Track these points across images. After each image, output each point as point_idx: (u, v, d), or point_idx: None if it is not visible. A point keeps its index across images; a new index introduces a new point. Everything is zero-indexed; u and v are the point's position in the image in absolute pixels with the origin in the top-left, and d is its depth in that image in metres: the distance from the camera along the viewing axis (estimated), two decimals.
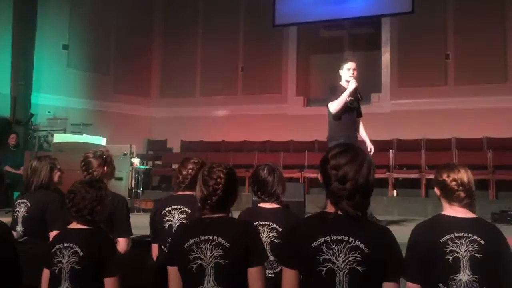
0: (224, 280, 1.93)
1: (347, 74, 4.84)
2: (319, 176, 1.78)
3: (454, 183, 2.16)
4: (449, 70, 9.60)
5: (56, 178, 3.26)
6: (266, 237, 2.72)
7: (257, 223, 2.73)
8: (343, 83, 4.87)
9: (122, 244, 2.88)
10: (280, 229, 2.65)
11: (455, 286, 2.03)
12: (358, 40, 10.85)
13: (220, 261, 1.92)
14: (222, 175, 2.03)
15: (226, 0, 11.40)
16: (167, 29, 11.93)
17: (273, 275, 2.64)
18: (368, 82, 10.34)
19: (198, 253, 1.95)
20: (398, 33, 10.09)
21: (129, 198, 7.27)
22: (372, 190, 1.71)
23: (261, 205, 2.83)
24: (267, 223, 2.73)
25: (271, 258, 2.68)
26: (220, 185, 2.02)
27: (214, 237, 1.95)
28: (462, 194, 2.15)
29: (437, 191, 2.26)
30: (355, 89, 4.79)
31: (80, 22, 10.60)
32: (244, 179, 8.13)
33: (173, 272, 2.02)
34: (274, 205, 2.79)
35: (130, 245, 2.97)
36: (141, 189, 7.87)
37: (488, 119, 8.72)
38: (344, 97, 4.73)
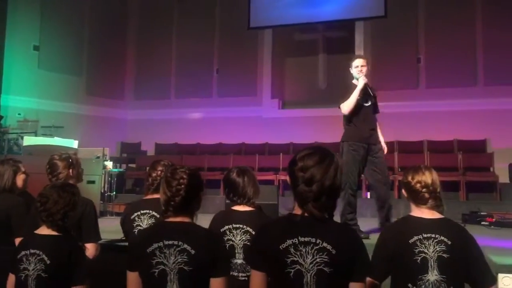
0: (188, 286, 1.91)
1: (356, 72, 4.71)
2: (287, 177, 1.79)
3: (418, 185, 2.21)
4: (421, 73, 9.79)
5: (20, 182, 3.18)
6: (239, 240, 2.72)
7: (230, 226, 2.74)
8: (354, 81, 4.73)
9: (90, 249, 2.81)
10: (253, 232, 2.65)
11: (423, 286, 2.07)
12: (332, 43, 10.94)
13: (184, 268, 1.90)
14: (185, 176, 2.01)
15: (201, 2, 11.36)
16: (141, 31, 11.81)
17: (247, 278, 2.64)
18: (342, 85, 10.48)
19: (161, 258, 1.91)
20: (371, 37, 10.22)
21: (101, 202, 7.18)
22: (339, 193, 1.72)
23: (235, 208, 2.83)
24: (241, 226, 2.73)
25: (244, 261, 2.67)
26: (182, 186, 1.99)
27: (179, 242, 1.92)
28: (426, 195, 2.20)
29: (404, 193, 2.32)
30: (366, 85, 4.62)
31: (52, 22, 10.39)
32: (219, 182, 8.10)
33: (132, 277, 1.97)
34: (247, 208, 2.79)
35: (99, 250, 2.91)
36: (114, 193, 7.77)
37: (459, 121, 8.91)
38: (354, 96, 4.55)
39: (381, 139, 4.78)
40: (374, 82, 9.77)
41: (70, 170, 3.00)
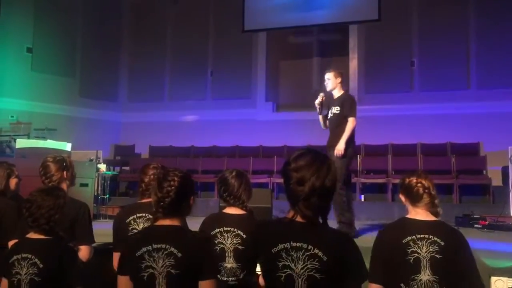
0: None
1: None
2: (282, 178, 1.80)
3: (414, 180, 2.27)
4: (414, 76, 9.84)
5: (13, 185, 3.16)
6: (230, 243, 2.70)
7: (221, 229, 2.72)
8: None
9: (84, 252, 2.79)
10: (244, 236, 2.64)
11: (416, 286, 2.09)
12: (327, 46, 10.99)
13: (171, 271, 1.90)
14: (176, 178, 2.03)
15: (195, 5, 11.35)
16: (135, 33, 11.79)
17: (236, 282, 2.63)
18: None
19: (150, 261, 1.92)
20: (365, 40, 10.27)
21: (95, 205, 7.13)
22: (332, 195, 1.72)
23: (227, 211, 2.82)
24: (232, 229, 2.72)
25: (234, 265, 2.66)
26: (173, 187, 2.00)
27: (167, 246, 1.93)
28: (421, 190, 2.24)
29: (401, 196, 2.34)
30: (322, 99, 5.14)
31: (45, 24, 10.34)
32: (213, 184, 8.09)
33: (123, 281, 1.98)
34: (239, 211, 2.79)
35: (92, 252, 2.89)
36: (108, 196, 7.73)
37: (452, 124, 8.96)
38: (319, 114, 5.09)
39: (340, 141, 4.76)
40: (369, 86, 9.93)
41: (64, 173, 2.96)
